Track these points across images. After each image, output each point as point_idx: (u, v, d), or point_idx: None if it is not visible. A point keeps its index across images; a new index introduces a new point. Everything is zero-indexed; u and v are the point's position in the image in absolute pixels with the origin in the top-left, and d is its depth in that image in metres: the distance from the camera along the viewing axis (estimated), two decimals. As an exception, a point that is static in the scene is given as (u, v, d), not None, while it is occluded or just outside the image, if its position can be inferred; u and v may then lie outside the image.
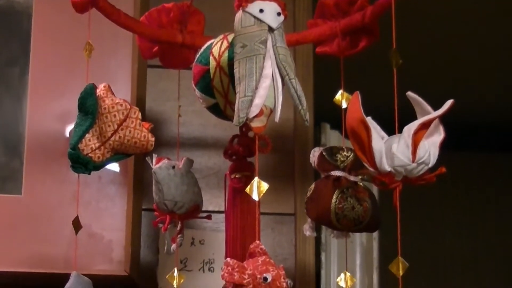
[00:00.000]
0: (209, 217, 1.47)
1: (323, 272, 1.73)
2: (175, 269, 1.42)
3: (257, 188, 1.15)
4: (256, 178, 1.16)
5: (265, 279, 1.13)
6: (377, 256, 1.78)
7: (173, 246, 1.43)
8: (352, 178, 1.32)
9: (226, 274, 1.14)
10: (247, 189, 1.16)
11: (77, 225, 1.36)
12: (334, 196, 1.30)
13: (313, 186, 1.35)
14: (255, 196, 1.15)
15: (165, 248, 1.45)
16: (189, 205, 1.39)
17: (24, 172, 1.63)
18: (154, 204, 1.40)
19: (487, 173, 3.44)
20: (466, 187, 3.44)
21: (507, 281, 3.39)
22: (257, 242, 1.18)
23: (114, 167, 1.58)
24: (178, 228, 1.41)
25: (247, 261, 1.16)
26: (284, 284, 1.13)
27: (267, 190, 1.16)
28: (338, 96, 1.38)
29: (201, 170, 1.68)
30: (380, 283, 1.78)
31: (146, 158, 1.40)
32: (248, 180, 1.24)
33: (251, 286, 1.13)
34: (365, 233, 1.71)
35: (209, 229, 1.69)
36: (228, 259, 1.17)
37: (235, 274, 1.15)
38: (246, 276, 1.14)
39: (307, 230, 1.40)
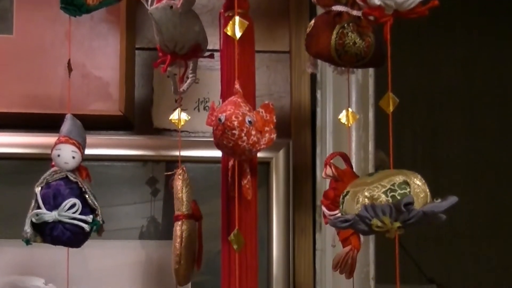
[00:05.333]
0: (211, 56, 1.46)
1: (318, 110, 1.73)
2: (179, 109, 1.42)
3: (238, 26, 1.13)
4: (236, 17, 1.14)
5: (220, 119, 1.12)
6: (373, 93, 1.77)
7: (185, 85, 1.42)
8: (354, 12, 1.29)
9: (207, 118, 1.15)
10: (228, 28, 1.14)
11: (69, 66, 1.36)
12: (334, 32, 1.28)
13: (312, 22, 1.33)
14: (234, 34, 1.14)
15: (172, 88, 1.45)
16: (190, 45, 1.38)
17: (15, 12, 1.61)
18: (157, 45, 1.38)
19: (485, 7, 3.39)
20: (463, 22, 3.40)
21: (501, 118, 3.41)
22: (236, 81, 1.18)
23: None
24: (188, 68, 1.40)
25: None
26: (236, 122, 1.12)
27: (261, 27, 1.14)
28: None
29: (195, 8, 1.65)
30: (376, 120, 1.78)
31: (142, -2, 1.38)
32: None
33: (215, 127, 1.13)
34: (361, 70, 1.70)
35: (204, 68, 1.68)
36: (211, 102, 1.17)
37: (209, 117, 1.15)
38: (213, 118, 1.14)
39: (309, 67, 1.39)
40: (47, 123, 1.55)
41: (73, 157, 1.31)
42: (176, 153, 1.48)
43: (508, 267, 3.30)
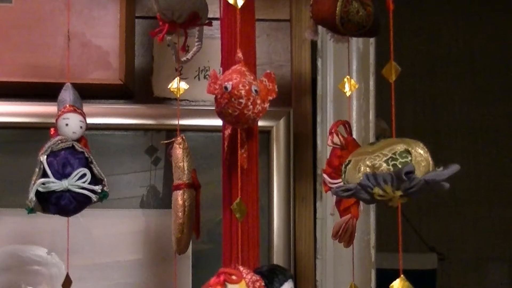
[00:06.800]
0: (209, 24, 1.45)
1: (319, 78, 1.72)
2: (177, 78, 1.41)
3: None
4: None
5: (226, 88, 1.11)
6: (374, 62, 1.77)
7: (189, 54, 1.42)
8: (357, -20, 1.29)
9: (207, 86, 1.14)
10: None
11: (68, 35, 1.35)
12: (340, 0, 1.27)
13: (318, -11, 1.33)
14: (235, 3, 1.13)
15: (173, 57, 1.44)
16: (187, 14, 1.37)
17: (13, -21, 1.60)
18: (157, 14, 1.38)
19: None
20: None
21: (501, 85, 3.41)
22: (238, 50, 1.17)
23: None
24: (195, 37, 1.39)
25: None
26: (243, 91, 1.11)
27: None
28: None
29: (194, -24, 1.64)
30: (377, 89, 1.78)
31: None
32: (243, -15, 1.20)
33: (219, 96, 1.13)
34: (362, 38, 1.69)
35: (204, 36, 1.66)
36: (212, 70, 1.16)
37: (211, 85, 1.14)
38: (217, 87, 1.13)
39: (310, 34, 1.38)
40: (46, 92, 1.55)
41: (81, 127, 1.30)
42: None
43: (508, 234, 3.32)
